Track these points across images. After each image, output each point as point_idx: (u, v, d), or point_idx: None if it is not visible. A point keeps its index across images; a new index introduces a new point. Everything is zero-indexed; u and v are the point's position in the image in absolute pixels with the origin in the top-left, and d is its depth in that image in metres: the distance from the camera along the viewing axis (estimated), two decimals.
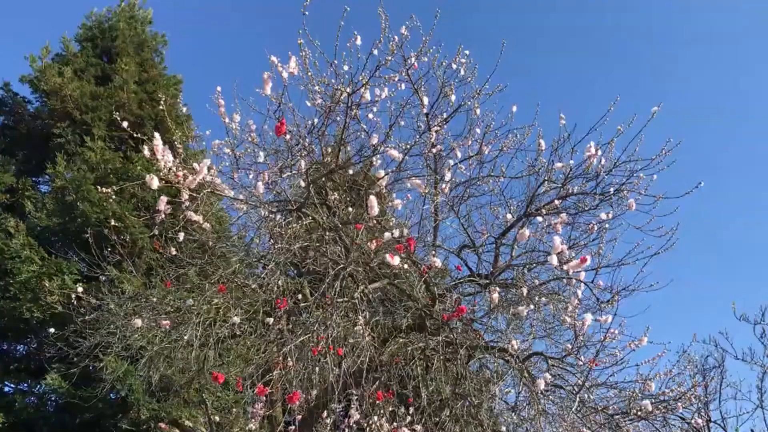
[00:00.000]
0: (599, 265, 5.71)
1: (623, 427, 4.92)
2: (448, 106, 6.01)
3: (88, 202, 11.25)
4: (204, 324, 6.21)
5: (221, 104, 5.08)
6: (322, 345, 4.61)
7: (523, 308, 5.14)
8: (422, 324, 5.76)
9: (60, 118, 12.92)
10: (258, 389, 4.53)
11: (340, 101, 4.75)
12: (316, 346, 4.65)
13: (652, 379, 5.16)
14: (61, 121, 12.83)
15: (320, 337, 4.62)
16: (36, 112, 13.59)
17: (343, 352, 4.75)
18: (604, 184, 5.53)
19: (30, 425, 10.17)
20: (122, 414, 9.96)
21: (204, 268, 6.33)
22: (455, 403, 5.27)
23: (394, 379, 5.59)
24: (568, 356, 5.09)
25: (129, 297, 7.04)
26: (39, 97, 13.62)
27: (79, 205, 11.27)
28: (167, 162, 4.60)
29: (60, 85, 12.99)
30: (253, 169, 5.48)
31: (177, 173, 4.64)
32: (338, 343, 4.82)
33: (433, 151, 5.46)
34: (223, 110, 5.08)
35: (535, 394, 4.74)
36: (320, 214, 5.32)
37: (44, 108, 13.42)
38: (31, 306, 10.27)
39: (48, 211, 11.70)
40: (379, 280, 5.74)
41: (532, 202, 5.79)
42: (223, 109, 5.08)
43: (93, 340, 7.04)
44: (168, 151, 4.59)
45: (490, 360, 5.81)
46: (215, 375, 4.62)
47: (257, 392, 4.59)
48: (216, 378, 4.61)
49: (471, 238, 5.68)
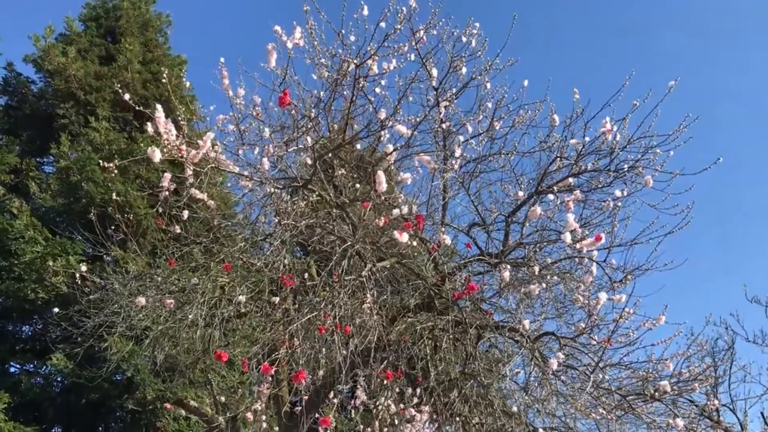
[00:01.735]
0: (612, 243, 5.58)
1: (637, 408, 4.82)
2: (458, 81, 5.86)
3: (93, 183, 11.17)
4: (209, 303, 6.13)
5: (225, 76, 4.93)
6: (329, 324, 4.51)
7: (534, 287, 5.01)
8: (431, 303, 5.65)
9: (64, 99, 12.82)
10: (263, 367, 4.43)
11: (348, 73, 4.60)
12: (323, 325, 4.55)
13: (669, 359, 5.05)
14: (65, 102, 12.74)
15: (327, 315, 4.51)
16: (40, 92, 13.49)
17: (350, 331, 4.64)
18: (619, 160, 5.38)
19: (36, 405, 10.18)
20: (128, 394, 9.95)
21: (209, 246, 6.23)
22: (464, 383, 5.17)
23: (402, 359, 5.49)
24: (580, 336, 4.97)
25: (133, 276, 6.95)
26: (43, 77, 13.52)
27: (83, 186, 11.20)
28: (170, 135, 4.47)
29: (64, 64, 12.87)
30: (258, 144, 5.35)
31: (180, 147, 4.51)
32: (346, 322, 4.71)
33: (442, 127, 5.31)
34: (227, 82, 4.94)
35: (547, 374, 4.63)
36: (327, 191, 5.20)
37: (48, 88, 13.31)
38: (36, 287, 10.24)
39: (52, 191, 11.64)
40: (387, 259, 5.63)
41: (543, 179, 5.64)
42: (227, 81, 4.93)
43: (97, 319, 6.96)
44: (171, 125, 4.46)
45: (500, 340, 5.71)
46: (218, 353, 4.51)
47: (262, 370, 4.48)
48: (219, 357, 4.51)
49: (481, 215, 5.55)
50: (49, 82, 13.22)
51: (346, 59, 4.54)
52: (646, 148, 5.35)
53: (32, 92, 13.46)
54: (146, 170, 12.17)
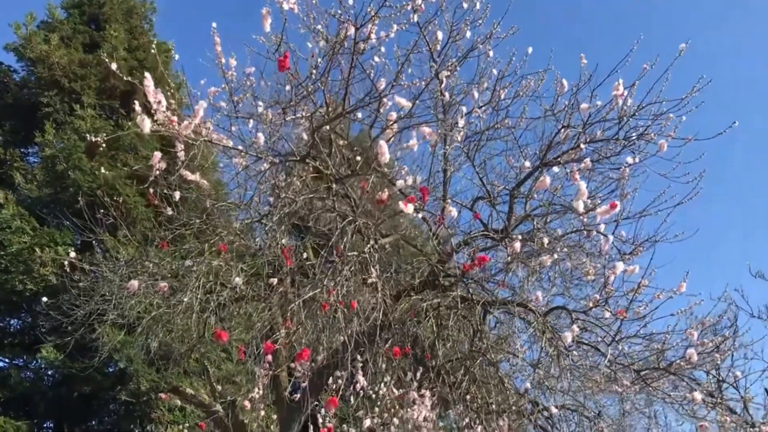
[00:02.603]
0: (620, 216, 5.39)
1: (653, 383, 4.65)
2: (458, 51, 5.64)
3: (80, 171, 10.89)
4: (204, 288, 5.90)
5: (217, 42, 4.67)
6: (333, 300, 4.29)
7: (546, 257, 4.81)
8: (435, 281, 5.46)
9: (47, 87, 12.49)
10: (265, 346, 4.22)
11: (346, 38, 4.37)
12: (326, 302, 4.33)
13: (693, 328, 4.88)
14: (48, 90, 12.40)
15: (330, 292, 4.29)
16: (22, 81, 13.14)
17: (356, 308, 4.43)
18: (628, 128, 5.18)
19: (26, 400, 9.93)
20: (121, 386, 9.71)
21: (202, 228, 5.99)
22: (473, 361, 4.98)
23: (407, 339, 5.30)
24: (594, 308, 4.78)
25: (125, 262, 6.69)
26: (25, 66, 13.16)
27: (70, 174, 10.91)
28: (161, 106, 4.23)
29: (46, 52, 12.53)
30: (252, 117, 5.09)
31: (171, 118, 4.28)
32: (349, 299, 4.49)
33: (444, 96, 5.08)
34: (220, 49, 4.67)
35: (560, 349, 4.44)
36: (326, 164, 4.97)
37: (31, 77, 12.98)
38: (24, 278, 9.96)
39: (38, 182, 11.34)
40: (390, 236, 5.43)
41: (549, 149, 5.44)
42: (219, 48, 4.68)
43: (87, 308, 6.71)
44: (161, 95, 4.22)
45: (508, 317, 5.52)
46: (218, 333, 4.29)
47: (264, 350, 4.28)
48: (219, 336, 4.29)
49: (486, 188, 5.33)
50: (31, 70, 12.88)
51: (346, 21, 4.30)
52: (656, 115, 5.16)
53: (14, 81, 13.11)
54: (134, 159, 11.90)
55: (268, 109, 5.35)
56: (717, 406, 4.81)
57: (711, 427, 5.46)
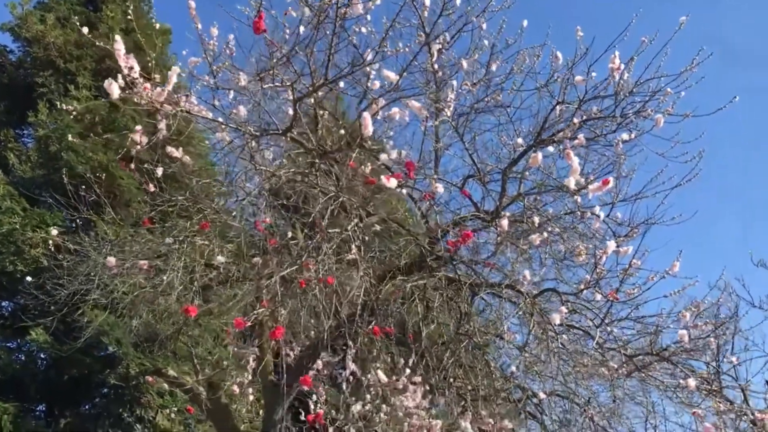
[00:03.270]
0: (615, 198, 5.19)
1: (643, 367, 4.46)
2: (449, 25, 5.42)
3: (73, 152, 10.73)
4: (188, 268, 5.74)
5: (192, 6, 4.47)
6: (310, 276, 4.12)
7: (535, 236, 4.61)
8: (422, 263, 5.27)
9: (43, 67, 12.33)
10: (235, 321, 4.06)
11: (330, 3, 4.16)
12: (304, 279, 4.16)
13: (686, 309, 4.68)
14: (44, 70, 12.24)
15: (306, 264, 4.12)
16: (18, 61, 12.99)
17: (332, 283, 4.25)
18: (625, 103, 4.96)
19: (17, 382, 9.81)
20: (110, 369, 9.59)
21: (185, 206, 5.82)
22: (458, 344, 4.80)
23: (393, 320, 5.12)
24: (585, 290, 4.59)
25: (108, 241, 6.54)
26: (21, 46, 13.01)
27: (63, 156, 10.76)
28: (133, 72, 4.06)
29: (42, 32, 12.37)
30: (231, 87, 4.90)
31: (145, 85, 4.11)
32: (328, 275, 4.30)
33: (434, 68, 4.87)
34: (194, 13, 4.48)
35: (548, 331, 4.26)
36: (309, 137, 4.79)
37: (27, 57, 12.82)
38: (15, 259, 9.82)
39: (32, 163, 11.21)
40: (375, 215, 5.25)
41: (544, 127, 5.23)
42: (194, 12, 4.48)
43: (71, 287, 6.58)
44: (133, 60, 4.05)
45: (496, 301, 5.33)
46: (187, 308, 4.14)
47: (234, 325, 4.12)
48: (187, 311, 4.14)
49: (477, 166, 5.13)
50: (27, 50, 12.73)
51: None
52: (654, 91, 4.95)
53: (10, 61, 12.96)
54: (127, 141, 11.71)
55: (249, 80, 5.16)
56: (711, 394, 4.61)
57: (708, 416, 5.27)
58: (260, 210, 5.21)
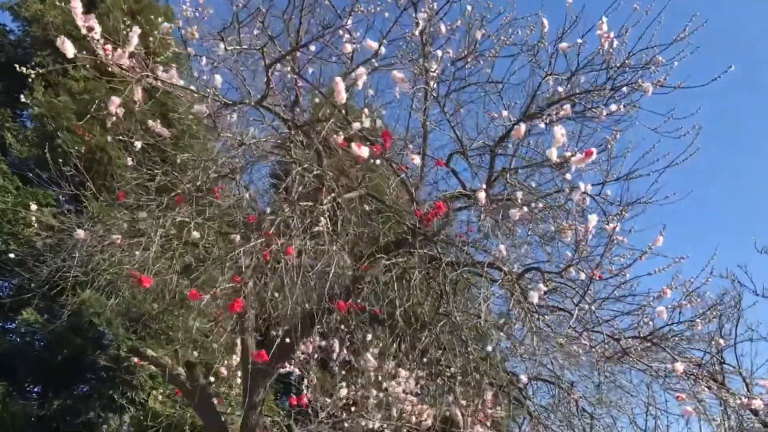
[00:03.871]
0: (606, 174, 4.94)
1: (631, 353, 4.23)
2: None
3: (68, 132, 10.62)
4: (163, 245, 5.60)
5: None
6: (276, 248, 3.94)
7: (516, 210, 4.37)
8: (403, 241, 5.07)
9: (41, 47, 12.22)
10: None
11: None
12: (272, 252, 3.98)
13: (671, 287, 4.43)
14: (42, 50, 12.13)
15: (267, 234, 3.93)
16: (17, 40, 12.90)
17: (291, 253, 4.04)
18: (616, 75, 4.71)
19: (8, 361, 9.75)
20: (101, 350, 9.49)
21: (163, 181, 5.64)
22: (436, 324, 4.60)
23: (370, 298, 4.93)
24: (568, 268, 4.37)
25: (89, 217, 6.41)
26: (20, 26, 12.92)
27: (59, 135, 10.65)
28: (93, 33, 3.88)
29: (41, 11, 12.27)
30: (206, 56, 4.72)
31: (105, 47, 3.93)
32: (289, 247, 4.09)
33: (416, 35, 4.63)
34: None
35: (526, 309, 4.05)
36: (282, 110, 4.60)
37: (26, 36, 12.73)
38: (8, 238, 9.73)
39: (30, 142, 11.13)
40: (356, 190, 5.06)
41: (532, 101, 5.00)
42: None
43: (53, 264, 6.47)
44: (94, 21, 3.88)
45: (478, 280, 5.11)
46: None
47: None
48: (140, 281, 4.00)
49: (461, 141, 4.90)
50: (26, 30, 12.64)
51: None
52: (646, 63, 4.69)
53: (9, 41, 12.88)
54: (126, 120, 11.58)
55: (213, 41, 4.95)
56: (699, 380, 4.38)
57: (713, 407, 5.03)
58: (241, 185, 5.03)
